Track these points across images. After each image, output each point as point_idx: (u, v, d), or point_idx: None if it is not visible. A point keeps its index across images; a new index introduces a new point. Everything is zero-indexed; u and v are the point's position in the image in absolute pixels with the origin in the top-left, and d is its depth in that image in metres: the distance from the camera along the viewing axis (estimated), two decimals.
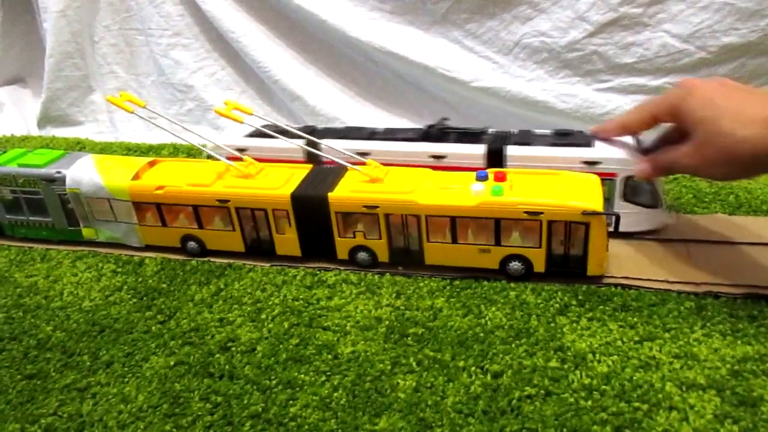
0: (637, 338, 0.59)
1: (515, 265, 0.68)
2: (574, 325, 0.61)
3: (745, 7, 0.92)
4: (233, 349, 0.62)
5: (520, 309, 0.64)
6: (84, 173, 0.78)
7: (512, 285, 0.68)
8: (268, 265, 0.75)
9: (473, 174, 0.69)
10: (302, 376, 0.57)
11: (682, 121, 0.62)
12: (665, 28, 0.97)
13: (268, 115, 1.14)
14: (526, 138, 0.78)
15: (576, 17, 1.01)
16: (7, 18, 1.46)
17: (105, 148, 1.19)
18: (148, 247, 0.80)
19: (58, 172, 0.78)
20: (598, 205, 0.64)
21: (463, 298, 0.66)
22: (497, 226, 0.66)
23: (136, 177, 0.77)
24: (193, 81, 1.30)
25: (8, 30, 1.47)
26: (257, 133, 0.84)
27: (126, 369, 0.60)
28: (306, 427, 0.52)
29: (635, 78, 1.02)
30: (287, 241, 0.74)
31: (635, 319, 0.61)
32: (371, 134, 0.84)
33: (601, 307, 0.63)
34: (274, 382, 0.57)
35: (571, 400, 0.53)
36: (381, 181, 0.71)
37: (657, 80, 1.00)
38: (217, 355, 0.61)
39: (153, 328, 0.66)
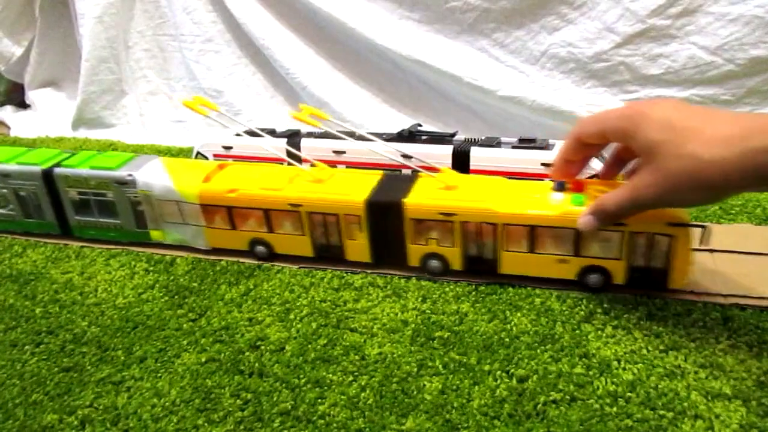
0: (662, 347, 0.59)
1: (594, 276, 0.66)
2: (599, 332, 0.62)
3: None
4: (262, 347, 0.63)
5: (546, 315, 0.65)
6: (155, 176, 0.79)
7: (537, 291, 0.68)
8: (296, 267, 0.76)
9: (549, 183, 0.68)
10: (330, 375, 0.59)
11: (634, 144, 0.57)
12: (693, 40, 0.97)
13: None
14: (490, 143, 0.84)
15: (604, 28, 1.01)
16: (44, 24, 1.50)
17: (137, 150, 1.21)
18: (180, 247, 0.82)
19: (130, 175, 0.79)
20: (684, 215, 0.62)
21: (488, 304, 0.67)
22: (577, 236, 0.65)
23: (206, 180, 0.77)
24: (223, 86, 1.32)
25: (44, 35, 1.51)
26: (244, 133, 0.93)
27: (159, 364, 0.62)
28: (334, 425, 0.53)
29: (662, 89, 1.02)
30: (358, 246, 0.74)
31: (660, 329, 0.61)
32: (350, 136, 0.87)
33: (627, 315, 0.64)
34: (303, 380, 0.58)
35: (597, 406, 0.53)
36: (456, 188, 0.70)
37: (684, 92, 1.00)
38: (247, 353, 0.62)
39: (184, 325, 0.67)
